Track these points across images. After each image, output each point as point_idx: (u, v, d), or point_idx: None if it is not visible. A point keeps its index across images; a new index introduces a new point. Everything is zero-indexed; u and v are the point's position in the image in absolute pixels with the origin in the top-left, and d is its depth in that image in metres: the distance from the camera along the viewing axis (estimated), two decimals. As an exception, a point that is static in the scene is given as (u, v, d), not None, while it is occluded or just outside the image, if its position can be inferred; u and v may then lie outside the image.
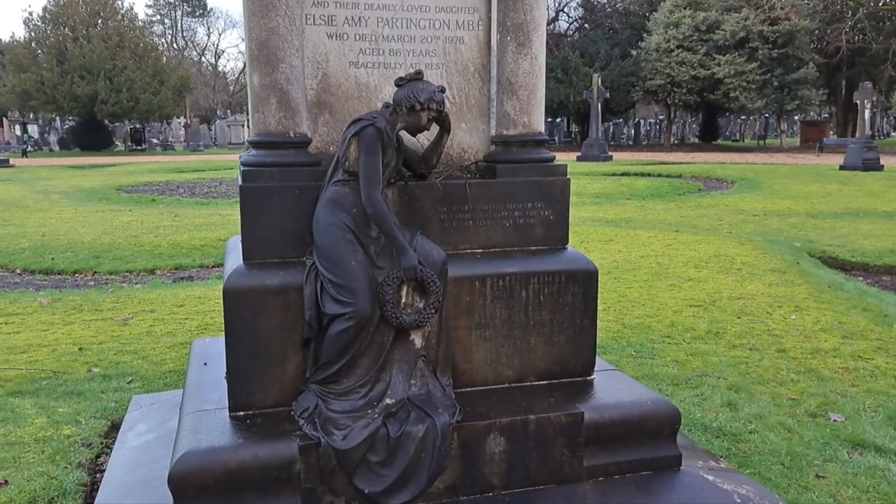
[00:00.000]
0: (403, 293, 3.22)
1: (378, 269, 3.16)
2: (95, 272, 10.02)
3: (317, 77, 3.49)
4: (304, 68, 3.41)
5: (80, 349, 6.12)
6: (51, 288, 9.03)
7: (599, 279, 3.70)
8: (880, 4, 41.40)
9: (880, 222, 13.43)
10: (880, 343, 6.15)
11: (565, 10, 57.00)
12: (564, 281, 3.56)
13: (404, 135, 3.36)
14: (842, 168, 24.92)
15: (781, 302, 7.43)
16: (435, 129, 3.37)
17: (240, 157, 3.51)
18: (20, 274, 10.11)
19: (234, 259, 3.42)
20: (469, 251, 3.56)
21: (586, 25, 54.61)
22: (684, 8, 42.54)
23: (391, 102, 3.25)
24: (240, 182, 3.30)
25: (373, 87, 3.57)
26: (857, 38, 42.02)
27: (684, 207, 16.07)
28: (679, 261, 9.53)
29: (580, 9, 56.09)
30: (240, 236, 3.41)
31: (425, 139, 3.50)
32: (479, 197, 3.54)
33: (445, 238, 3.49)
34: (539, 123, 3.70)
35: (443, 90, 3.24)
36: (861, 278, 9.24)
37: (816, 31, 42.46)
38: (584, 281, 3.59)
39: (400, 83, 3.24)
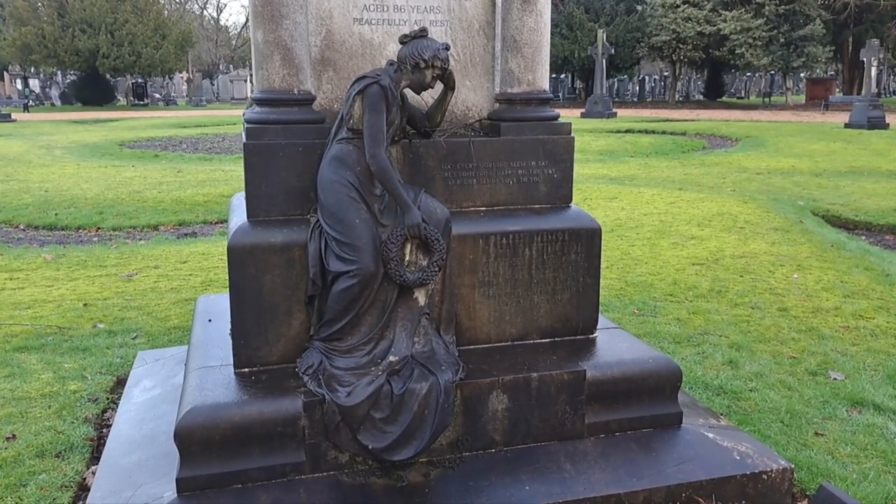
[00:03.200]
0: (407, 251, 3.23)
1: (382, 226, 3.16)
2: (99, 228, 10.04)
3: (321, 34, 3.46)
4: (308, 25, 3.38)
5: (85, 305, 6.15)
6: (55, 244, 9.07)
7: (603, 237, 3.70)
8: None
9: (884, 181, 13.38)
10: (882, 302, 6.17)
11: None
12: (568, 239, 3.56)
13: (408, 92, 3.34)
14: (847, 126, 24.77)
15: (784, 261, 7.44)
16: (439, 86, 3.35)
17: (243, 115, 3.49)
18: (24, 230, 10.14)
19: (239, 216, 3.42)
20: (473, 209, 3.56)
21: (592, -20, 53.89)
22: (691, -38, 42.02)
23: (395, 60, 3.23)
24: (244, 139, 3.29)
25: (377, 44, 3.54)
26: (865, -7, 41.49)
27: (688, 165, 16.01)
28: (682, 219, 9.52)
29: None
30: (244, 193, 3.41)
31: (429, 97, 3.48)
32: (483, 155, 3.53)
33: (449, 196, 3.49)
34: (543, 81, 3.67)
35: (447, 47, 3.22)
36: (864, 237, 9.25)
37: (824, -13, 41.93)
38: (588, 239, 3.60)
39: (404, 40, 3.22)
